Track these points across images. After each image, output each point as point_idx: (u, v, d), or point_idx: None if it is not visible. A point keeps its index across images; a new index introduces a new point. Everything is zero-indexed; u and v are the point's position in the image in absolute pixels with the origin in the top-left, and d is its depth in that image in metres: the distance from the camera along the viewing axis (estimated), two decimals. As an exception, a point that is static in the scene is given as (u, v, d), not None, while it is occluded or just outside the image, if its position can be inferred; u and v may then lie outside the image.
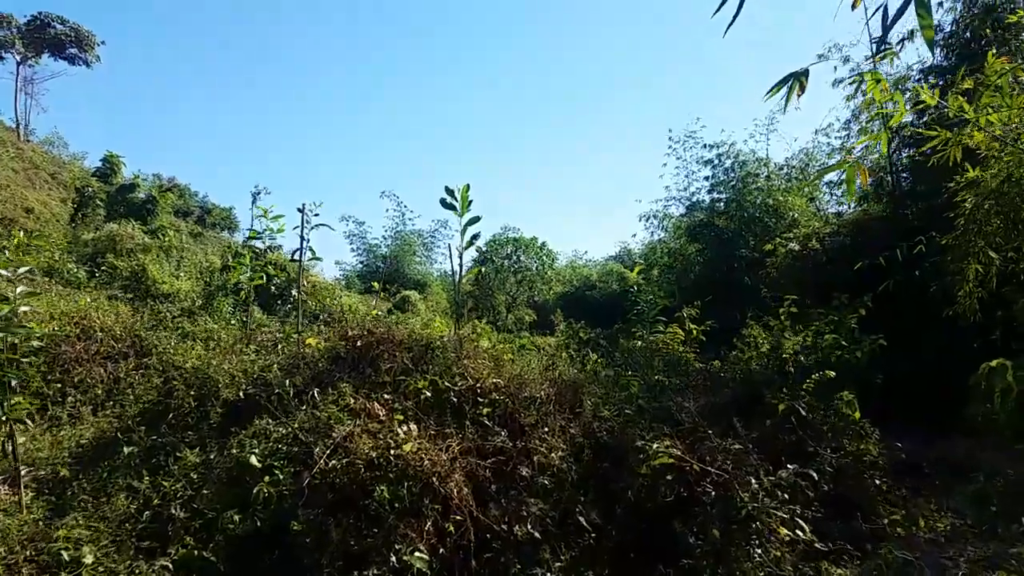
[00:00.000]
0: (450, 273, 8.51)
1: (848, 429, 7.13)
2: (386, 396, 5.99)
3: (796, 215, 23.79)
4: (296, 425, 5.56)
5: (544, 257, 38.71)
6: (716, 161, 26.50)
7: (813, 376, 7.28)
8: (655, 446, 5.91)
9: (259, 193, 33.86)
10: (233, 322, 13.22)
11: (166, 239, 21.31)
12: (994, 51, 14.46)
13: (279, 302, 16.43)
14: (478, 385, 6.23)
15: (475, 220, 10.17)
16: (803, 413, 6.60)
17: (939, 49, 16.97)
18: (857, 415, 7.17)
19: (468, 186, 9.89)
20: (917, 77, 17.35)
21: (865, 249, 16.30)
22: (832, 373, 7.31)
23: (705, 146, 26.89)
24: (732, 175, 26.26)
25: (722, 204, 26.16)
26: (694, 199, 28.01)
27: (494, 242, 38.35)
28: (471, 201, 10.01)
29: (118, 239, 17.03)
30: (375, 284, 13.06)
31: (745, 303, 22.92)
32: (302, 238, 7.86)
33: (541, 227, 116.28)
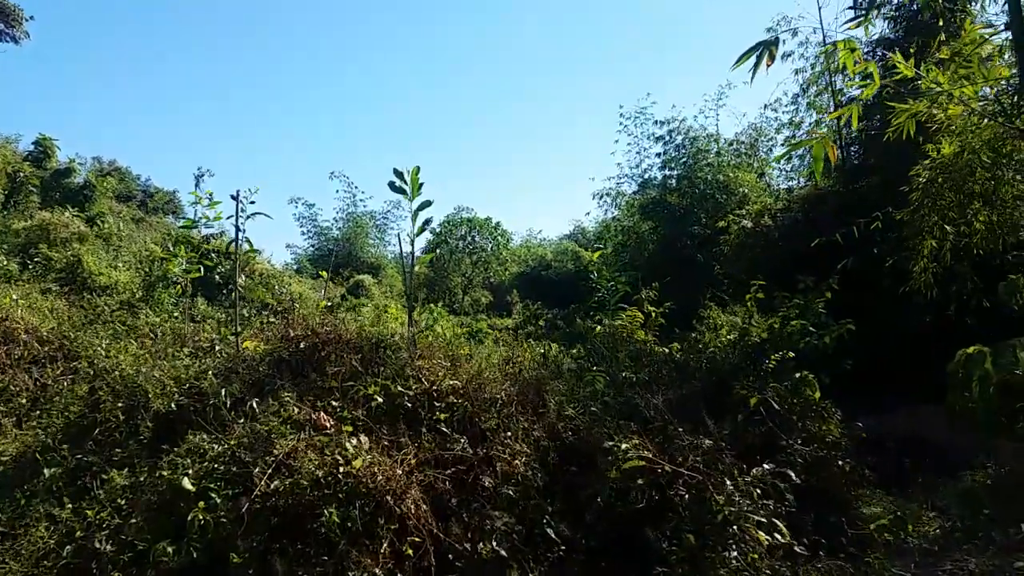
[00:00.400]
0: (405, 254, 7.95)
1: (810, 411, 6.84)
2: (333, 403, 5.43)
3: (746, 191, 23.76)
4: (234, 441, 4.97)
5: (499, 237, 38.15)
6: (667, 137, 26.31)
7: (773, 357, 6.95)
8: (624, 447, 5.51)
9: (202, 176, 32.27)
10: (176, 315, 12.44)
11: (105, 226, 20.19)
12: (941, 23, 14.40)
13: (224, 292, 15.60)
14: (434, 388, 5.71)
15: (426, 204, 9.62)
16: (775, 405, 6.26)
17: (887, 21, 16.81)
18: (817, 395, 6.88)
19: (418, 168, 9.34)
20: (866, 49, 17.19)
21: (817, 225, 16.19)
22: (792, 354, 6.98)
23: (656, 122, 26.70)
24: (683, 151, 26.09)
25: (674, 181, 26.00)
26: (646, 176, 27.82)
27: (448, 223, 37.65)
28: (422, 184, 9.43)
29: (51, 228, 15.93)
30: (323, 273, 12.42)
31: (699, 280, 22.86)
32: (237, 228, 7.18)
33: (495, 207, 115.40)
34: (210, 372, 5.89)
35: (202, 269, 8.75)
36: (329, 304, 10.55)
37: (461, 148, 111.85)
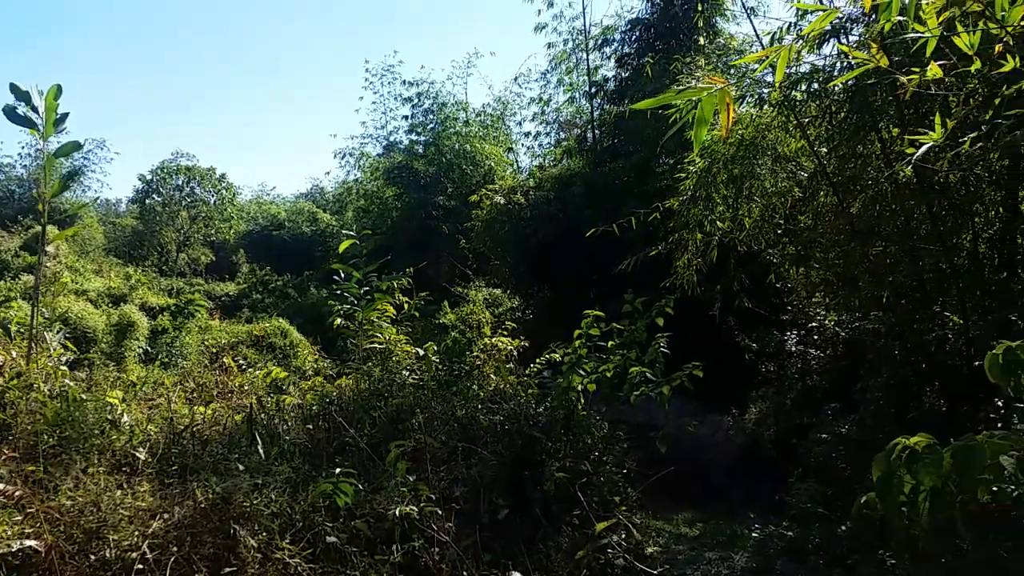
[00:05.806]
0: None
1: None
2: None
3: (492, 164, 21.96)
4: None
5: (224, 191, 32.13)
6: (415, 100, 23.65)
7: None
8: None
9: None
10: None
11: None
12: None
13: None
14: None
15: (74, 147, 5.86)
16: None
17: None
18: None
19: (59, 89, 5.46)
20: (625, 28, 15.70)
21: (567, 206, 14.62)
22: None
23: (404, 83, 23.85)
24: (431, 117, 23.63)
25: (421, 147, 23.42)
26: (392, 139, 24.95)
27: (162, 170, 30.73)
28: (65, 115, 5.52)
29: None
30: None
31: (443, 252, 20.58)
32: None
33: (221, 157, 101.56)
34: None
35: None
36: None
37: (182, 86, 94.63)
